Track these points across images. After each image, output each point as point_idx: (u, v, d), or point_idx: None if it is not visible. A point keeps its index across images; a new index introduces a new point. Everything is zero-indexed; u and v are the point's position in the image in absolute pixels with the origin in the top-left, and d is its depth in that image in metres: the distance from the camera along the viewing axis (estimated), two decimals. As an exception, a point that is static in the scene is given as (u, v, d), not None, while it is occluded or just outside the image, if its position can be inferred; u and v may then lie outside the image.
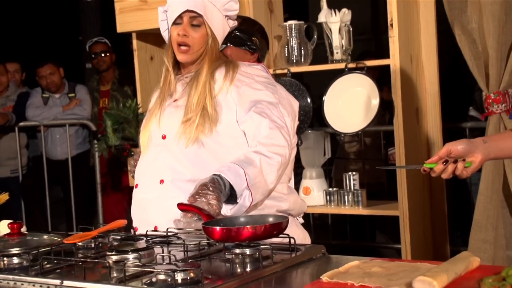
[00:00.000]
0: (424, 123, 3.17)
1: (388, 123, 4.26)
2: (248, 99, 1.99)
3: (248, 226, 1.62)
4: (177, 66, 2.13)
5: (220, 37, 2.09)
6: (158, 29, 3.45)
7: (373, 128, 4.34)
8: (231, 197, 1.85)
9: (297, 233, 2.05)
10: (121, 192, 5.06)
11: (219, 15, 2.06)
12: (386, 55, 3.06)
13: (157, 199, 2.02)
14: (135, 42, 3.61)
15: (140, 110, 3.51)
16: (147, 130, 2.11)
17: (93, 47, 5.21)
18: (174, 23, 2.06)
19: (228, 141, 1.99)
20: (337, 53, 3.16)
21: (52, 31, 9.74)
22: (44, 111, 5.09)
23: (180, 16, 2.04)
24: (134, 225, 2.08)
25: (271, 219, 1.71)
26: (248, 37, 2.28)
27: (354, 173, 3.33)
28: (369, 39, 7.92)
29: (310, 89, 3.59)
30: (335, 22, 3.13)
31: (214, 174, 1.83)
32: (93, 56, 5.19)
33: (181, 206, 1.78)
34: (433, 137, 3.19)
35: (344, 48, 3.15)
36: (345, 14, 3.15)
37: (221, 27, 2.08)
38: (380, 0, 7.04)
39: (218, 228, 1.63)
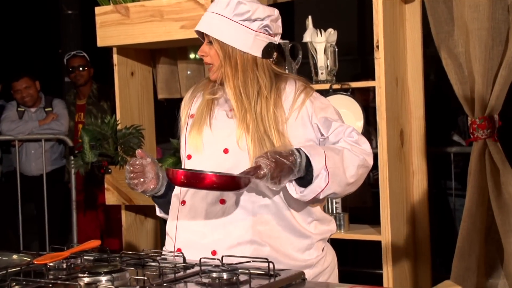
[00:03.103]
0: (408, 146, 3.19)
1: (376, 146, 4.28)
2: (322, 111, 1.99)
3: (209, 173, 1.72)
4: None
5: (243, 45, 1.97)
6: (139, 44, 3.49)
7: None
8: (304, 180, 1.83)
9: (334, 260, 2.10)
10: (95, 210, 5.02)
11: (231, 24, 1.97)
12: (372, 76, 3.08)
13: (217, 221, 1.93)
14: (115, 57, 3.60)
15: (119, 127, 3.50)
16: (199, 136, 1.99)
17: (70, 60, 5.19)
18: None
19: None
20: (321, 73, 3.17)
21: (30, 44, 9.70)
22: (19, 125, 5.05)
23: (202, 38, 2.04)
24: (177, 247, 1.98)
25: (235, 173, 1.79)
26: None
27: (336, 196, 3.32)
28: (355, 59, 7.99)
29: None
30: (321, 42, 3.15)
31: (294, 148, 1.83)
32: (70, 70, 5.16)
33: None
34: (418, 161, 3.20)
35: (329, 69, 3.17)
36: (331, 34, 3.17)
37: (239, 36, 1.97)
38: (367, 20, 7.11)
39: (180, 171, 1.71)
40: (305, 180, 1.85)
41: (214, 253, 1.92)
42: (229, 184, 1.75)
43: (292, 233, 1.96)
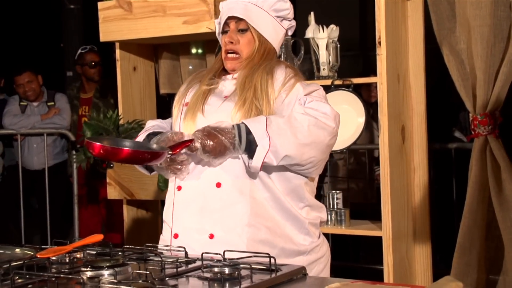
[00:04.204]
0: (409, 142, 3.20)
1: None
2: (310, 93, 2.02)
3: (125, 148, 1.83)
4: (223, 71, 2.11)
5: (273, 39, 2.07)
6: (142, 39, 3.49)
7: (358, 146, 4.38)
8: (252, 151, 1.86)
9: (329, 252, 2.13)
10: (97, 205, 5.02)
11: (267, 17, 2.04)
12: (373, 72, 3.08)
13: (214, 204, 1.95)
14: (118, 52, 3.60)
15: (121, 121, 3.50)
16: (193, 122, 2.00)
17: (88, 55, 5.11)
18: (223, 31, 2.07)
19: None
20: (323, 69, 3.17)
21: (33, 38, 9.71)
22: (21, 120, 5.06)
23: (227, 24, 2.06)
24: (174, 232, 2.00)
25: (154, 147, 1.91)
26: None
27: (337, 191, 3.33)
28: (357, 55, 7.98)
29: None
30: (323, 38, 3.15)
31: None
32: (93, 64, 5.11)
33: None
34: (419, 157, 3.21)
35: (331, 65, 3.17)
36: (333, 31, 3.17)
37: (271, 29, 2.05)
38: (369, 16, 7.11)
39: (98, 144, 1.82)
40: (253, 151, 1.88)
41: (211, 236, 1.93)
42: (144, 158, 1.86)
43: (285, 216, 1.98)
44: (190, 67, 3.84)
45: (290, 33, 2.15)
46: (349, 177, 4.61)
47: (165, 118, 2.25)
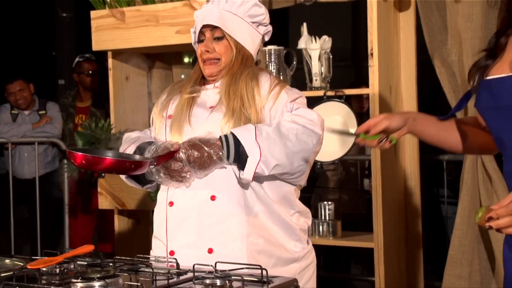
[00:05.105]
0: (401, 154, 3.20)
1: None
2: (294, 100, 2.04)
3: (107, 157, 1.80)
4: (203, 80, 2.11)
5: (250, 45, 2.07)
6: (134, 49, 3.49)
7: (350, 157, 4.38)
8: (243, 162, 1.86)
9: (315, 258, 2.14)
10: (90, 215, 5.00)
11: (243, 23, 2.04)
12: (365, 83, 3.09)
13: (210, 218, 1.94)
14: (110, 61, 3.60)
15: (113, 131, 3.49)
16: (180, 135, 1.98)
17: (85, 63, 5.08)
18: (199, 41, 2.07)
19: None
20: (316, 80, 3.18)
21: (25, 46, 9.70)
22: (12, 128, 5.04)
23: (202, 33, 2.05)
24: (170, 249, 1.98)
25: (137, 158, 1.91)
26: None
27: (329, 202, 3.33)
28: (349, 65, 8.01)
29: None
30: (315, 49, 3.16)
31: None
32: (89, 72, 5.08)
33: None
34: (410, 169, 3.21)
35: (323, 76, 3.18)
36: (326, 42, 3.18)
37: (247, 36, 2.05)
38: (361, 27, 7.14)
39: (79, 153, 1.79)
40: (243, 161, 1.88)
41: (210, 251, 1.92)
42: (127, 168, 1.83)
43: (278, 223, 1.99)
44: (183, 77, 3.84)
45: (266, 38, 2.14)
46: (340, 188, 4.61)
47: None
